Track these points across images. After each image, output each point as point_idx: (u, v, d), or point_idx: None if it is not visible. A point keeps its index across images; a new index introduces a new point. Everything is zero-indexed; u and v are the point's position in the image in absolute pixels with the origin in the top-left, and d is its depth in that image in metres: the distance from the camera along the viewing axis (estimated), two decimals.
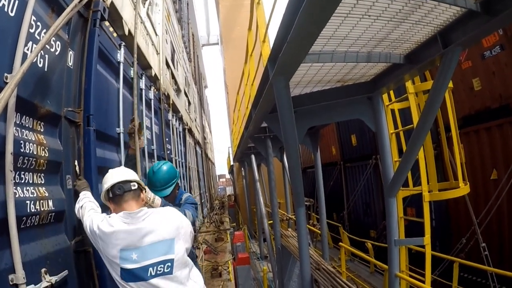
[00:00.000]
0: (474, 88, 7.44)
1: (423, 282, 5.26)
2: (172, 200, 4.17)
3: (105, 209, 2.90)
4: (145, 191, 2.98)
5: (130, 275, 2.45)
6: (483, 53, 7.08)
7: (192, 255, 4.49)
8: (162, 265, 2.49)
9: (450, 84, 5.31)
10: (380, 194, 10.94)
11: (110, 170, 2.85)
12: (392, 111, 6.20)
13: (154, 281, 2.47)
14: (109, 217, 2.59)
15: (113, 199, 2.68)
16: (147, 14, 7.02)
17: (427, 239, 5.47)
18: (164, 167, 4.14)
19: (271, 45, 3.46)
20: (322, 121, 5.76)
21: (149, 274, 2.45)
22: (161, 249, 2.52)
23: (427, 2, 2.61)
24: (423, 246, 5.70)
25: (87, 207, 2.79)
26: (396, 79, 4.14)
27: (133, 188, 2.69)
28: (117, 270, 2.47)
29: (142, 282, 2.46)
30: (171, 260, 2.52)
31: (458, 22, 2.88)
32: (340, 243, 8.33)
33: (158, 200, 3.55)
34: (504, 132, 6.82)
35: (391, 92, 6.16)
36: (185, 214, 3.51)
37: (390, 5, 2.66)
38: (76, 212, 2.86)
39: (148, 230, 2.53)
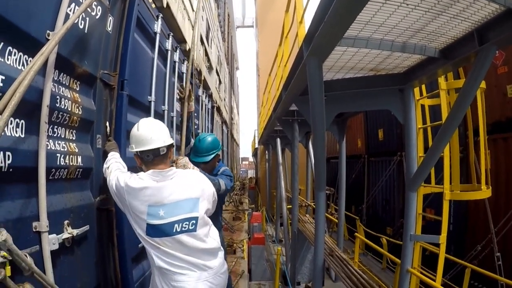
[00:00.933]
0: (508, 94, 7.19)
1: (434, 281, 5.24)
2: (211, 169, 4.65)
3: (132, 170, 3.01)
4: (174, 148, 3.13)
5: (156, 230, 2.60)
6: None
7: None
8: (187, 222, 2.66)
9: (483, 85, 5.20)
10: (401, 191, 10.81)
11: (140, 124, 2.88)
12: (422, 107, 6.12)
13: (178, 236, 2.63)
14: (137, 175, 2.70)
15: (141, 159, 2.82)
16: None
17: (443, 237, 5.44)
18: (209, 138, 4.70)
19: (307, 27, 3.47)
20: (351, 108, 5.74)
21: (174, 230, 2.62)
22: (187, 206, 2.68)
23: None
24: (437, 246, 5.67)
25: (114, 167, 2.89)
26: (429, 73, 4.08)
27: (162, 153, 2.78)
28: (143, 226, 2.61)
29: (167, 237, 2.61)
30: (196, 218, 2.69)
31: (496, 21, 2.83)
32: (356, 233, 8.33)
33: (196, 170, 3.78)
34: None
35: (423, 88, 6.07)
36: (219, 182, 4.14)
37: None
38: (103, 171, 2.99)
39: (176, 188, 2.69)
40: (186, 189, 2.74)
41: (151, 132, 2.79)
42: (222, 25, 18.79)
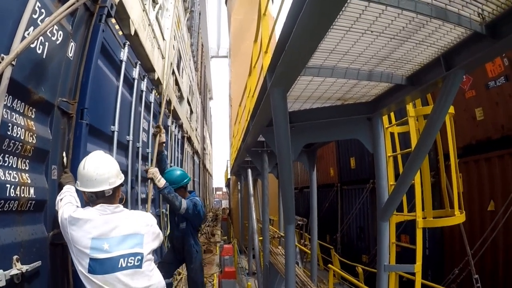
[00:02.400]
0: (477, 117, 7.38)
1: None
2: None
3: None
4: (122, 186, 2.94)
5: (100, 265, 2.43)
6: (488, 83, 7.04)
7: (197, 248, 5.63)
8: (133, 258, 2.53)
9: (452, 110, 5.27)
10: (375, 219, 10.72)
11: (87, 162, 2.72)
12: (392, 134, 6.15)
13: (123, 273, 2.46)
14: (84, 208, 2.58)
15: (86, 197, 2.67)
16: (156, 18, 7.05)
17: (418, 266, 5.37)
18: (174, 172, 5.38)
19: None
20: (319, 138, 5.71)
21: (119, 266, 2.47)
22: (132, 241, 2.57)
23: (431, 21, 2.58)
24: (414, 274, 5.60)
25: (65, 200, 2.72)
26: (397, 101, 4.08)
27: (107, 195, 2.66)
28: (85, 262, 2.43)
29: (110, 275, 2.43)
30: (141, 254, 2.58)
31: (463, 45, 2.85)
32: (329, 265, 8.20)
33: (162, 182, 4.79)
34: (504, 163, 6.73)
35: (392, 115, 6.12)
36: (181, 200, 4.93)
37: (393, 22, 2.63)
38: (56, 203, 2.81)
39: (122, 222, 2.57)
40: (132, 224, 2.63)
41: (95, 173, 2.64)
42: (195, 54, 18.86)
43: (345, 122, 4.85)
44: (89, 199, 2.65)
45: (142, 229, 2.66)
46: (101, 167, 2.68)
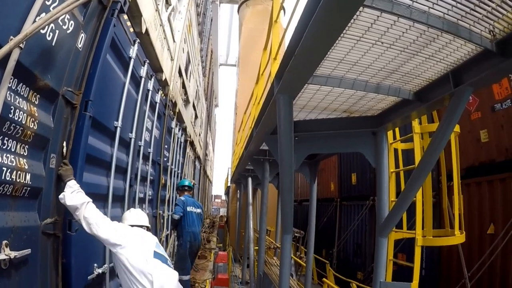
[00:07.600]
0: (481, 139, 7.36)
1: None
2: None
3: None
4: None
5: (158, 256, 3.45)
6: (494, 106, 7.03)
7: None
8: (167, 259, 3.62)
9: (457, 129, 5.25)
10: (372, 236, 10.72)
11: (131, 210, 4.05)
12: (395, 150, 6.12)
13: (165, 265, 3.50)
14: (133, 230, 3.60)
15: None
16: (168, 19, 7.07)
17: (414, 285, 5.30)
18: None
19: None
20: (323, 150, 5.67)
21: (167, 262, 3.57)
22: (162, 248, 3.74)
23: (442, 35, 2.56)
24: None
25: (97, 213, 3.10)
26: (403, 116, 4.06)
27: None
28: (150, 253, 3.38)
29: (164, 264, 3.44)
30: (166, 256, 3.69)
31: (472, 62, 2.83)
32: (324, 279, 8.13)
33: None
34: (506, 186, 6.67)
35: (397, 131, 6.09)
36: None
37: (404, 34, 2.61)
38: (63, 197, 2.92)
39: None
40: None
41: (139, 214, 3.90)
42: (204, 60, 18.89)
43: (349, 135, 4.82)
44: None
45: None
46: (140, 212, 3.97)
